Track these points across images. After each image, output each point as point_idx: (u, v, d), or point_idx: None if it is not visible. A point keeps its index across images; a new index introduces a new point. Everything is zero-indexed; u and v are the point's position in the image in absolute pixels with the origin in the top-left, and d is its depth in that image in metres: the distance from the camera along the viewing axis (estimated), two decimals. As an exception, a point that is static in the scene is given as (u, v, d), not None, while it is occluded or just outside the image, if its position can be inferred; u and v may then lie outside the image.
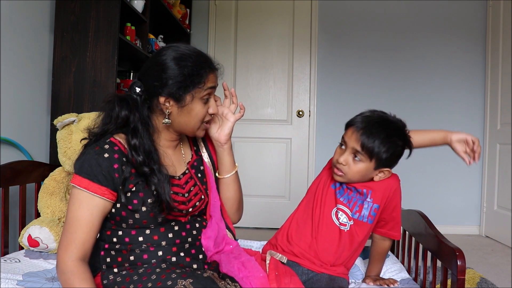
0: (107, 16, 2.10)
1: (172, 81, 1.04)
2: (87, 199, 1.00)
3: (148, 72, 1.08)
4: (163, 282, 0.94)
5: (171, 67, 1.05)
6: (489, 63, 3.38)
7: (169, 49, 1.08)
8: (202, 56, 1.09)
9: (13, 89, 1.93)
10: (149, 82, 1.07)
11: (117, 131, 1.07)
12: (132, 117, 1.06)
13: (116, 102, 1.07)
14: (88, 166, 1.00)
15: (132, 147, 1.04)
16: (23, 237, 1.57)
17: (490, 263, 2.61)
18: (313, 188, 1.37)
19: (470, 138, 1.32)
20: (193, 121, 1.10)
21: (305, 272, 1.26)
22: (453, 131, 1.35)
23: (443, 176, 3.46)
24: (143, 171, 1.04)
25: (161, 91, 1.05)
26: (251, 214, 3.42)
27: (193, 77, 1.05)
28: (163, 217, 1.07)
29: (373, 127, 1.21)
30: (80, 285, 0.96)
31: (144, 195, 1.05)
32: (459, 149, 1.34)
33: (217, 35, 3.57)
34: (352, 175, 1.25)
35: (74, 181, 1.01)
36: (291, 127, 3.53)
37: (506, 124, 3.12)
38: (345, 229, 1.28)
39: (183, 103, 1.06)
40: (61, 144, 1.74)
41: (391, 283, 1.32)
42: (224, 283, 0.96)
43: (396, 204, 1.31)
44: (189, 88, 1.05)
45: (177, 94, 1.05)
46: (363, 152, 1.21)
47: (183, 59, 1.05)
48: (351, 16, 3.50)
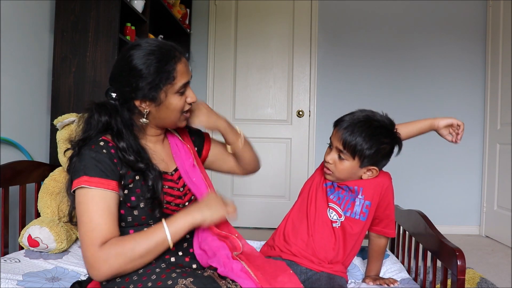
0: (107, 16, 2.10)
1: (142, 84, 1.04)
2: (101, 196, 0.98)
3: (117, 79, 1.08)
4: (163, 282, 0.94)
5: (136, 69, 1.03)
6: (489, 63, 3.37)
7: (132, 49, 1.06)
8: (165, 49, 1.07)
9: (13, 89, 1.93)
10: (120, 88, 1.07)
11: (99, 135, 1.06)
12: (113, 122, 1.06)
13: (94, 108, 1.07)
14: (92, 164, 1.00)
15: (121, 149, 1.04)
16: (23, 237, 1.57)
17: (490, 263, 2.61)
18: (306, 188, 1.39)
19: (456, 122, 1.39)
20: (173, 114, 1.10)
21: (303, 272, 1.26)
22: (438, 117, 1.42)
23: (443, 176, 3.45)
24: (139, 167, 1.04)
25: (134, 96, 1.05)
26: (251, 214, 3.42)
27: (160, 74, 1.04)
28: (163, 213, 1.07)
29: (356, 125, 1.23)
30: (134, 238, 0.98)
31: (141, 191, 1.05)
32: (444, 133, 1.43)
33: (217, 35, 3.57)
34: (339, 173, 1.28)
35: (81, 182, 0.98)
36: (291, 127, 3.53)
37: (506, 124, 3.12)
38: (336, 226, 1.30)
39: (158, 101, 1.06)
40: (61, 144, 1.74)
41: (391, 283, 1.33)
42: (224, 282, 0.96)
43: (389, 202, 1.32)
44: (160, 86, 1.05)
45: (150, 95, 1.05)
46: (345, 150, 1.24)
47: (147, 57, 1.04)
48: (351, 16, 3.50)
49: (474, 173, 3.45)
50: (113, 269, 0.95)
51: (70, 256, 1.57)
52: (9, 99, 1.90)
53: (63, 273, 1.41)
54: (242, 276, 0.97)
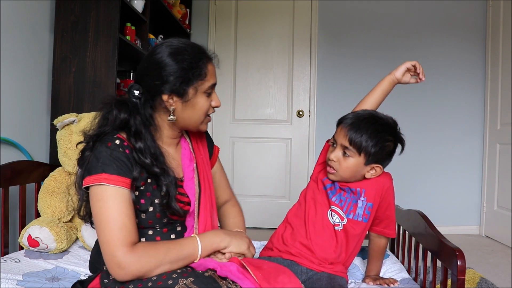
0: (107, 16, 2.10)
1: (173, 77, 1.03)
2: (121, 194, 0.98)
3: (146, 73, 1.07)
4: (163, 282, 0.94)
5: (169, 63, 1.04)
6: (489, 63, 3.37)
7: (162, 46, 1.07)
8: (197, 47, 1.09)
9: (13, 89, 1.93)
10: (148, 82, 1.06)
11: (115, 132, 1.05)
12: (132, 121, 1.05)
13: (114, 104, 1.06)
14: (110, 161, 0.98)
15: (137, 149, 1.03)
16: (23, 237, 1.57)
17: (490, 263, 2.61)
18: (303, 194, 1.39)
19: (409, 64, 1.42)
20: (197, 115, 1.09)
21: (304, 272, 1.26)
22: (392, 71, 1.45)
23: (443, 176, 3.45)
24: (154, 172, 1.03)
25: (163, 89, 1.04)
26: (251, 214, 3.42)
27: (193, 69, 1.04)
28: (168, 218, 1.07)
29: (361, 122, 1.24)
30: (166, 245, 1.00)
31: (151, 195, 1.04)
32: (406, 80, 1.45)
33: (217, 35, 3.57)
34: (343, 171, 1.26)
35: (101, 179, 0.97)
36: (291, 127, 3.53)
37: (506, 124, 3.12)
38: (339, 229, 1.29)
39: (186, 97, 1.06)
40: (61, 144, 1.74)
41: (391, 283, 1.33)
42: (225, 282, 0.96)
43: (389, 202, 1.32)
44: (191, 81, 1.05)
45: (181, 89, 1.04)
46: (351, 147, 1.23)
47: (179, 53, 1.05)
48: (351, 16, 3.50)
49: (474, 173, 3.45)
50: (143, 270, 0.95)
51: (70, 256, 1.57)
52: (9, 99, 1.90)
53: (63, 273, 1.41)
54: (241, 277, 0.97)
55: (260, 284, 0.95)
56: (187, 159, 1.18)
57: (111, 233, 0.95)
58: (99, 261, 1.08)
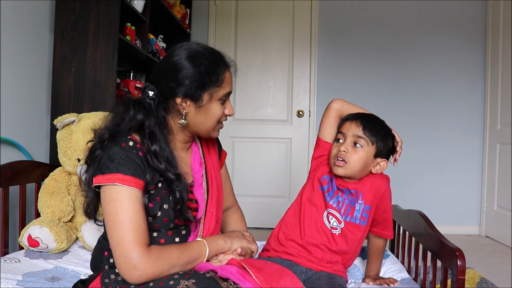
0: (107, 16, 2.10)
1: (189, 81, 1.02)
2: (135, 195, 0.97)
3: (162, 74, 1.06)
4: (165, 282, 0.94)
5: (186, 66, 1.03)
6: (489, 63, 3.37)
7: (181, 48, 1.06)
8: (216, 53, 1.08)
9: (13, 89, 1.93)
10: (164, 84, 1.05)
11: (128, 133, 1.03)
12: (147, 122, 1.03)
13: (132, 105, 1.05)
14: (125, 162, 0.98)
15: (152, 152, 1.02)
16: (23, 237, 1.57)
17: (490, 263, 2.61)
18: (300, 192, 1.39)
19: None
20: (210, 121, 1.08)
21: (303, 271, 1.26)
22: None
23: (443, 176, 3.45)
24: (168, 177, 1.02)
25: (177, 92, 1.03)
26: (251, 214, 3.41)
27: (210, 75, 1.03)
28: (175, 223, 1.06)
29: (369, 117, 1.31)
30: (178, 248, 1.00)
31: (161, 199, 1.04)
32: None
33: (217, 35, 3.57)
34: (354, 162, 1.26)
35: (115, 180, 0.96)
36: (291, 127, 3.53)
37: (506, 124, 3.12)
38: (336, 233, 1.28)
39: (200, 102, 1.04)
40: (61, 144, 1.74)
41: (391, 283, 1.33)
42: (226, 284, 0.96)
43: (386, 206, 1.33)
44: (207, 86, 1.04)
45: (196, 94, 1.03)
46: (365, 136, 1.26)
47: (197, 57, 1.04)
48: (351, 16, 3.50)
49: (474, 173, 3.45)
50: (158, 272, 0.94)
51: (70, 256, 1.57)
52: (9, 99, 1.90)
53: (63, 273, 1.41)
54: (242, 279, 0.97)
55: (261, 286, 0.95)
56: (197, 164, 1.17)
57: (127, 234, 0.94)
58: (101, 260, 1.07)
